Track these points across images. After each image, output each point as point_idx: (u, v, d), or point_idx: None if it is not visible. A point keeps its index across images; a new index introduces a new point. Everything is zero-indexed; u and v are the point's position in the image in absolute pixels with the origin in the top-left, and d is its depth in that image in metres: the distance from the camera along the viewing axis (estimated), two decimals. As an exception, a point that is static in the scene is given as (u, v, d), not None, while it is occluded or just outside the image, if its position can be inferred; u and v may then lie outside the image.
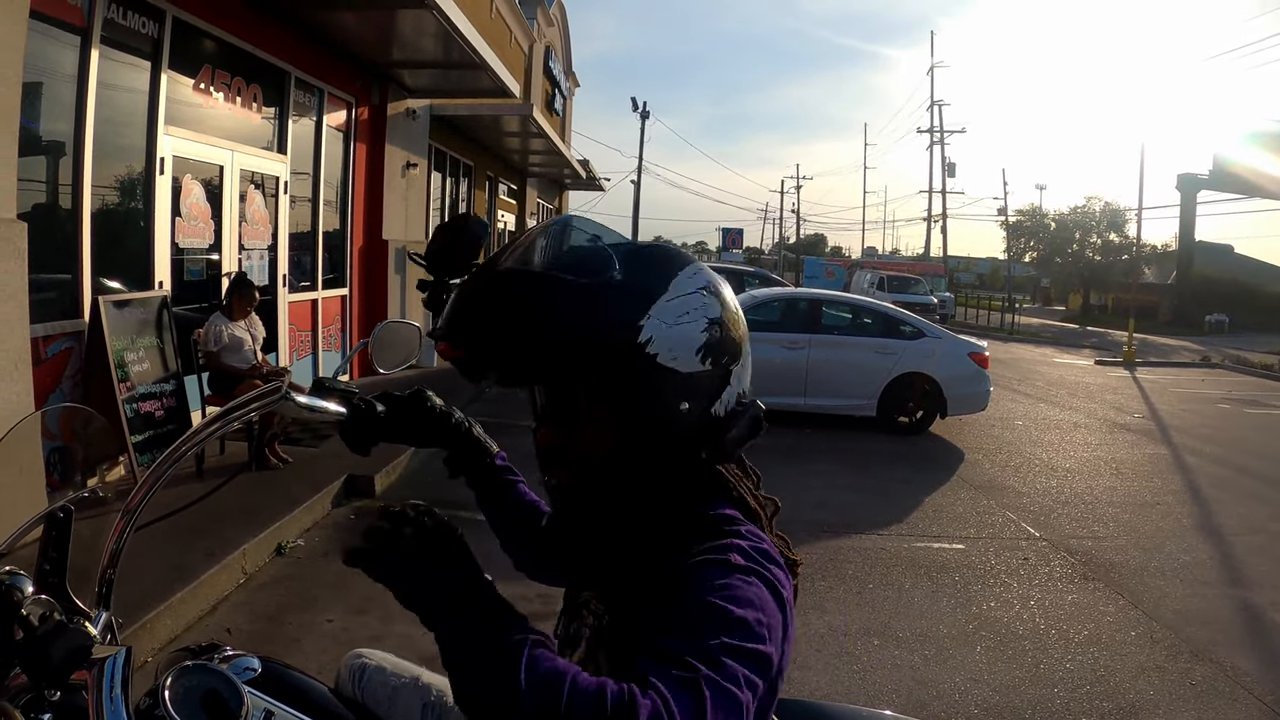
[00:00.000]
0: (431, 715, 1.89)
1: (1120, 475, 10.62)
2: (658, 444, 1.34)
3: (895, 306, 14.35)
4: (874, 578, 6.51)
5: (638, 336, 1.27)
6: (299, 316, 11.43)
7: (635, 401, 1.31)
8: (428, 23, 10.21)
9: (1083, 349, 32.96)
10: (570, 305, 1.25)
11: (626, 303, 1.28)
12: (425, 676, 1.98)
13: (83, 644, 1.30)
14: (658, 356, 1.28)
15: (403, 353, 2.34)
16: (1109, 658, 5.38)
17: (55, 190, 6.96)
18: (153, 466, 1.66)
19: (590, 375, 1.31)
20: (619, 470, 1.36)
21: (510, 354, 1.30)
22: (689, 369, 1.31)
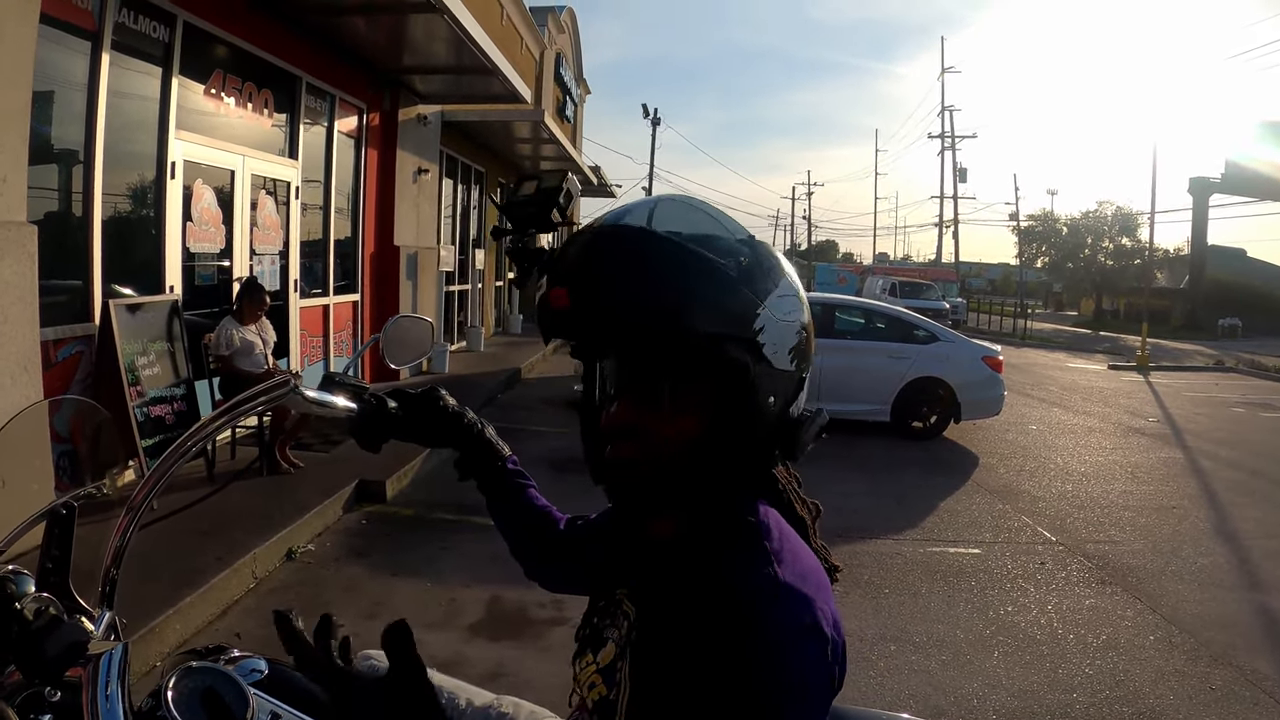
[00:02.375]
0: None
1: (1136, 479, 10.55)
2: (741, 436, 1.30)
3: (908, 311, 14.31)
4: (890, 583, 6.46)
5: (755, 324, 1.26)
6: (310, 322, 11.42)
7: (733, 388, 1.27)
8: (439, 28, 10.19)
9: (1095, 354, 32.88)
10: (705, 278, 1.23)
11: (752, 290, 1.27)
12: (436, 678, 1.93)
13: (79, 639, 1.26)
14: (764, 347, 1.27)
15: (415, 349, 2.29)
16: (1128, 662, 5.32)
17: (66, 194, 6.95)
18: (159, 462, 1.62)
19: (701, 353, 1.25)
20: (693, 456, 1.30)
21: (633, 316, 1.23)
22: (783, 366, 1.30)
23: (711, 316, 1.22)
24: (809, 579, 1.24)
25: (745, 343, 1.25)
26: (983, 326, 43.60)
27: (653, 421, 1.29)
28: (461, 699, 1.87)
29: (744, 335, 1.25)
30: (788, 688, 1.13)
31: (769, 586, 1.20)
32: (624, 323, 1.23)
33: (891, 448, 11.55)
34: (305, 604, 5.52)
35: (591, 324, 1.27)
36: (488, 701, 1.87)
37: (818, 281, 52.90)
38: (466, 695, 1.88)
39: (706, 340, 1.23)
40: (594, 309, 1.25)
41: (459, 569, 6.19)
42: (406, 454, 8.49)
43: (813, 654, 1.16)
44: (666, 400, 1.28)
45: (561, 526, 1.88)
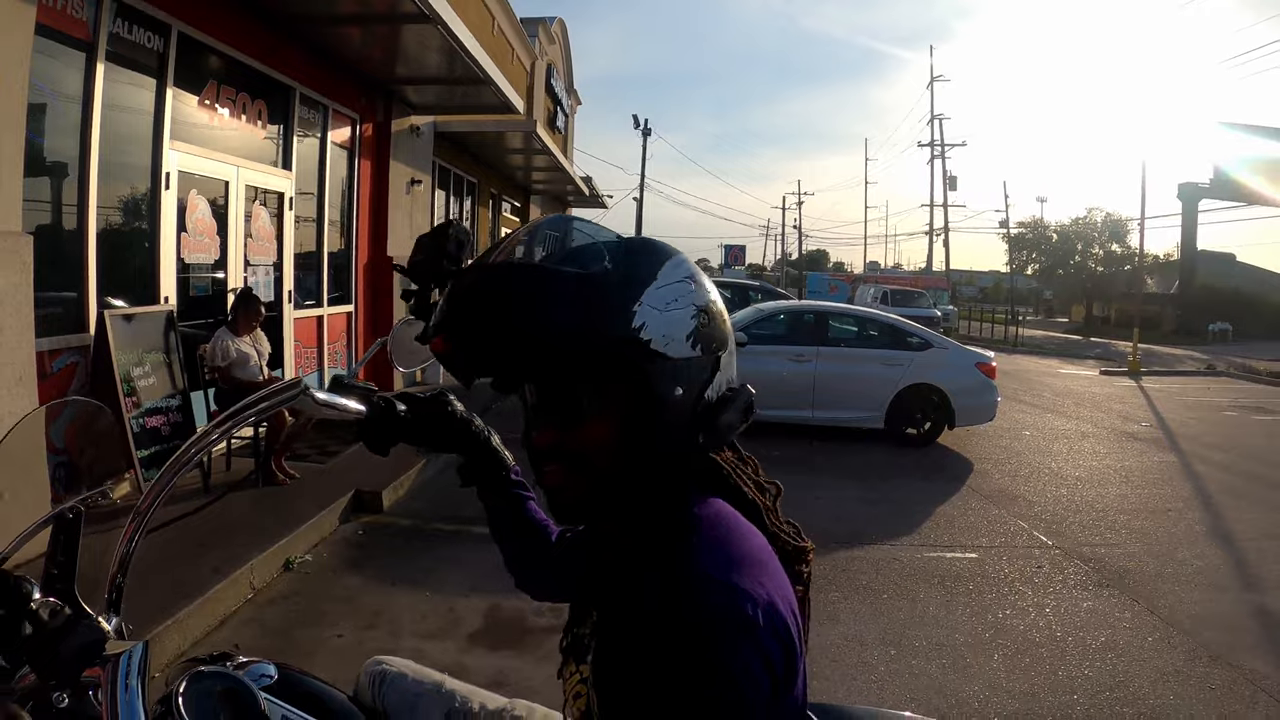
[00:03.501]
0: None
1: (1130, 483, 10.58)
2: (655, 431, 1.31)
3: (901, 318, 14.34)
4: (888, 588, 6.47)
5: (632, 322, 1.25)
6: (305, 333, 11.41)
7: (633, 388, 1.28)
8: (432, 38, 10.21)
9: (1087, 359, 32.95)
10: (566, 295, 1.23)
11: (619, 290, 1.26)
12: (448, 684, 1.93)
13: (95, 639, 1.26)
14: (651, 342, 1.26)
15: (422, 353, 2.28)
16: (1127, 663, 5.34)
17: (61, 205, 6.94)
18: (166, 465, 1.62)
19: (588, 365, 1.27)
20: (618, 461, 1.32)
21: (509, 347, 1.26)
22: (680, 354, 1.29)
23: (578, 328, 1.23)
24: (741, 565, 1.24)
25: (627, 343, 1.26)
26: (974, 334, 43.70)
27: (569, 438, 1.32)
28: (475, 703, 1.88)
29: (623, 336, 1.25)
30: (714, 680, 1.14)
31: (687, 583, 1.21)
32: (491, 352, 1.27)
33: (886, 454, 11.55)
34: (304, 614, 5.53)
35: (469, 363, 1.30)
36: (501, 705, 1.88)
37: (809, 290, 52.97)
38: (480, 699, 1.90)
39: (583, 351, 1.25)
40: (465, 348, 1.28)
41: (457, 579, 6.18)
42: (403, 464, 8.49)
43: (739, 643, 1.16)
44: (572, 411, 1.31)
45: (553, 539, 1.89)
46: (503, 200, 24.52)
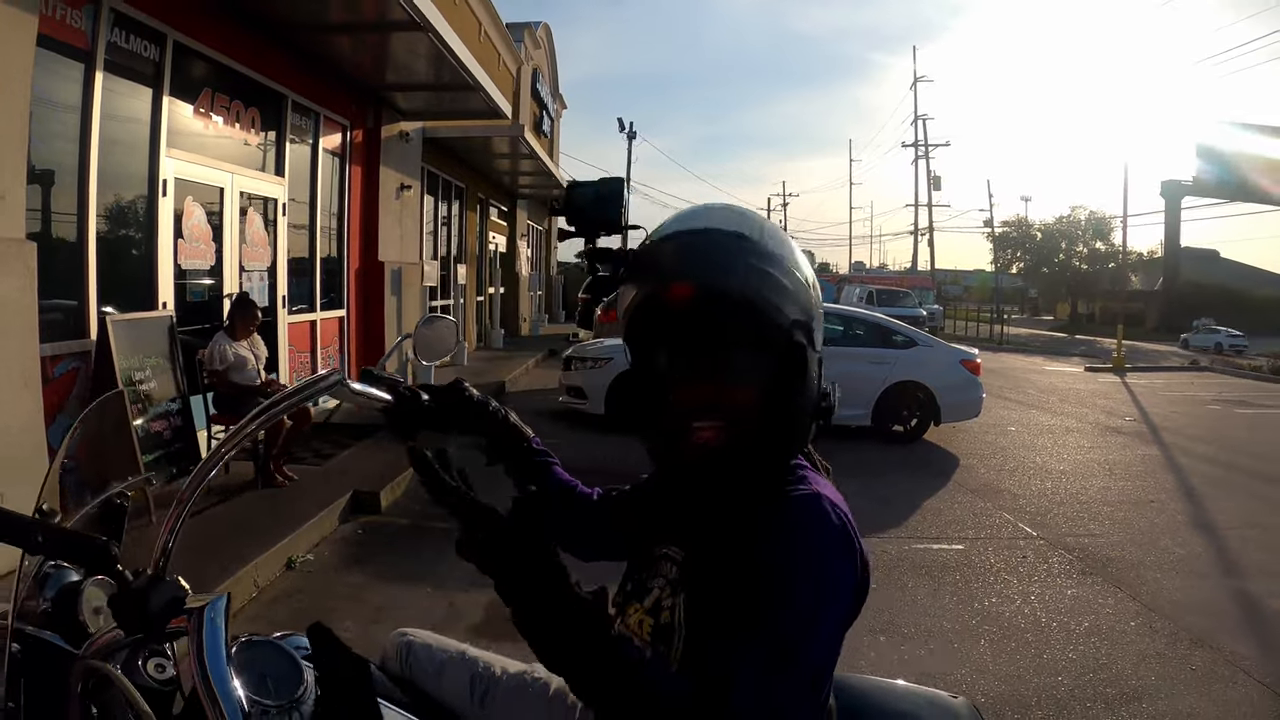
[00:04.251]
0: (479, 686, 1.95)
1: (1114, 476, 10.76)
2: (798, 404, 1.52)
3: (886, 317, 14.49)
4: (877, 579, 6.55)
5: (812, 314, 1.54)
6: (298, 337, 11.53)
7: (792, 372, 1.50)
8: (422, 45, 10.35)
9: (1072, 357, 33.18)
10: (792, 277, 1.52)
11: (813, 288, 1.57)
12: (470, 652, 2.05)
13: (178, 595, 1.38)
14: (814, 334, 1.55)
15: (442, 347, 2.42)
16: (1110, 647, 5.49)
17: (61, 212, 7.04)
18: (211, 451, 1.76)
19: (783, 334, 1.49)
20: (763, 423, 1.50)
21: (749, 309, 1.45)
22: (820, 349, 1.57)
23: (794, 305, 1.49)
24: (842, 506, 1.46)
25: (805, 327, 1.51)
26: (960, 333, 43.86)
27: (728, 396, 1.48)
28: (496, 667, 2.00)
29: (807, 321, 1.53)
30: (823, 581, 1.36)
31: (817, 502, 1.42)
32: (738, 308, 1.45)
33: (873, 451, 11.69)
34: (308, 611, 5.63)
35: (712, 311, 1.46)
36: (521, 669, 2.00)
37: (795, 291, 53.03)
38: (500, 664, 2.01)
39: (790, 324, 1.48)
40: (718, 297, 1.45)
41: (456, 574, 6.27)
42: (399, 466, 8.58)
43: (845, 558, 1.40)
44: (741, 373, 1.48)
45: (595, 498, 2.02)
46: (490, 205, 24.61)
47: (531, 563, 1.26)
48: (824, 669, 1.49)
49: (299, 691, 1.52)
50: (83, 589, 1.73)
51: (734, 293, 1.44)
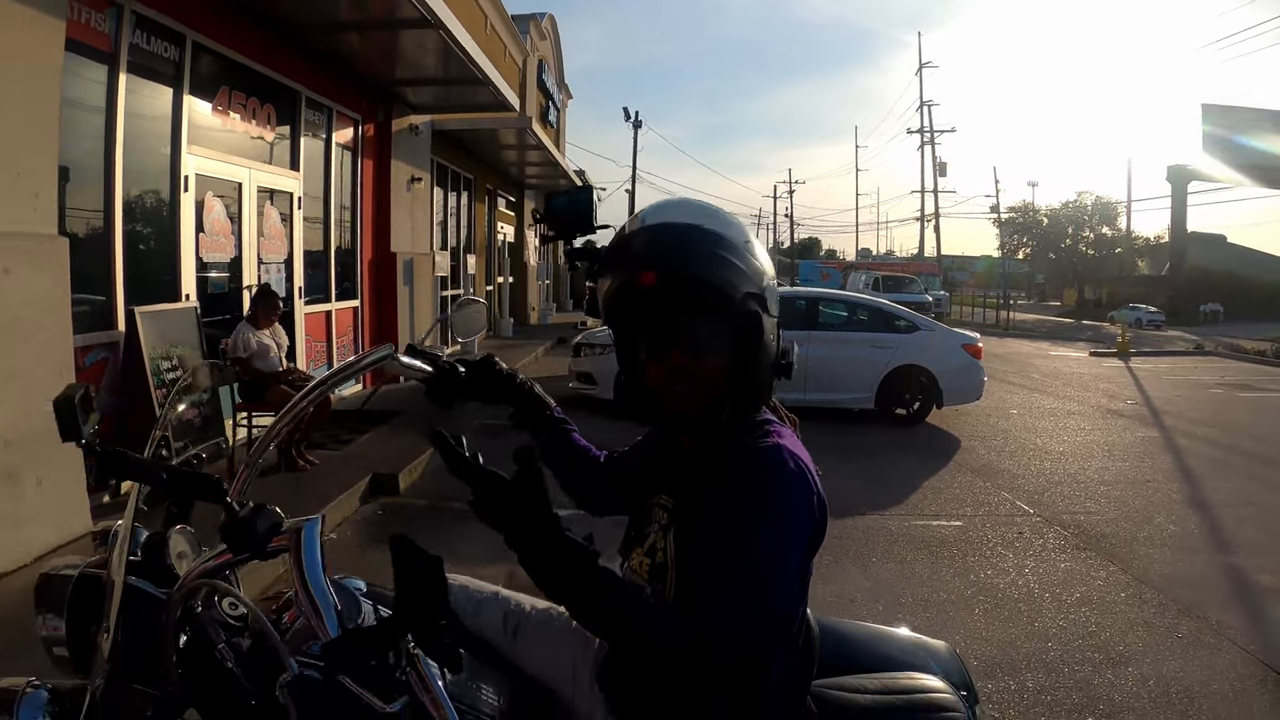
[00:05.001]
0: (511, 621, 2.19)
1: (1112, 457, 10.97)
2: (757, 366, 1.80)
3: (889, 302, 14.71)
4: (877, 553, 6.85)
5: (763, 283, 1.78)
6: (314, 327, 11.82)
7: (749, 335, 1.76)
8: (431, 41, 10.59)
9: (1078, 342, 33.21)
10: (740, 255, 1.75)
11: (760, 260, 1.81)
12: (504, 592, 2.30)
13: (276, 520, 1.65)
14: (767, 302, 1.79)
15: (475, 326, 2.73)
16: (1099, 616, 5.72)
17: (89, 209, 7.29)
18: (277, 416, 2.04)
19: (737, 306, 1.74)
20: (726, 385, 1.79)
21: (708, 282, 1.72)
22: (774, 313, 1.82)
23: (746, 280, 1.74)
24: (801, 454, 1.75)
25: (759, 298, 1.75)
26: (966, 319, 43.90)
27: (695, 364, 1.77)
28: (527, 605, 2.26)
29: (760, 293, 1.76)
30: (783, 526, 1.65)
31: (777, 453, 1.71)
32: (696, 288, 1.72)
33: (877, 433, 11.93)
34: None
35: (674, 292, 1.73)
36: (548, 606, 2.26)
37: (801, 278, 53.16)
38: (531, 603, 2.28)
39: (743, 296, 1.74)
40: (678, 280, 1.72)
41: (474, 550, 6.43)
42: (416, 449, 8.88)
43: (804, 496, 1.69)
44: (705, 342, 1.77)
45: (602, 460, 2.32)
46: (498, 196, 24.84)
47: (530, 511, 1.51)
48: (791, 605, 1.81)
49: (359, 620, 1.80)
50: (169, 538, 2.02)
51: (691, 275, 1.71)
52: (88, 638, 1.94)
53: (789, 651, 1.83)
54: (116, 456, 1.76)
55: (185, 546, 2.06)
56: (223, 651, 1.85)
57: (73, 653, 1.97)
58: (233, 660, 1.84)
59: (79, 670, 1.97)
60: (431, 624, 1.45)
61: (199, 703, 1.86)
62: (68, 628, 1.97)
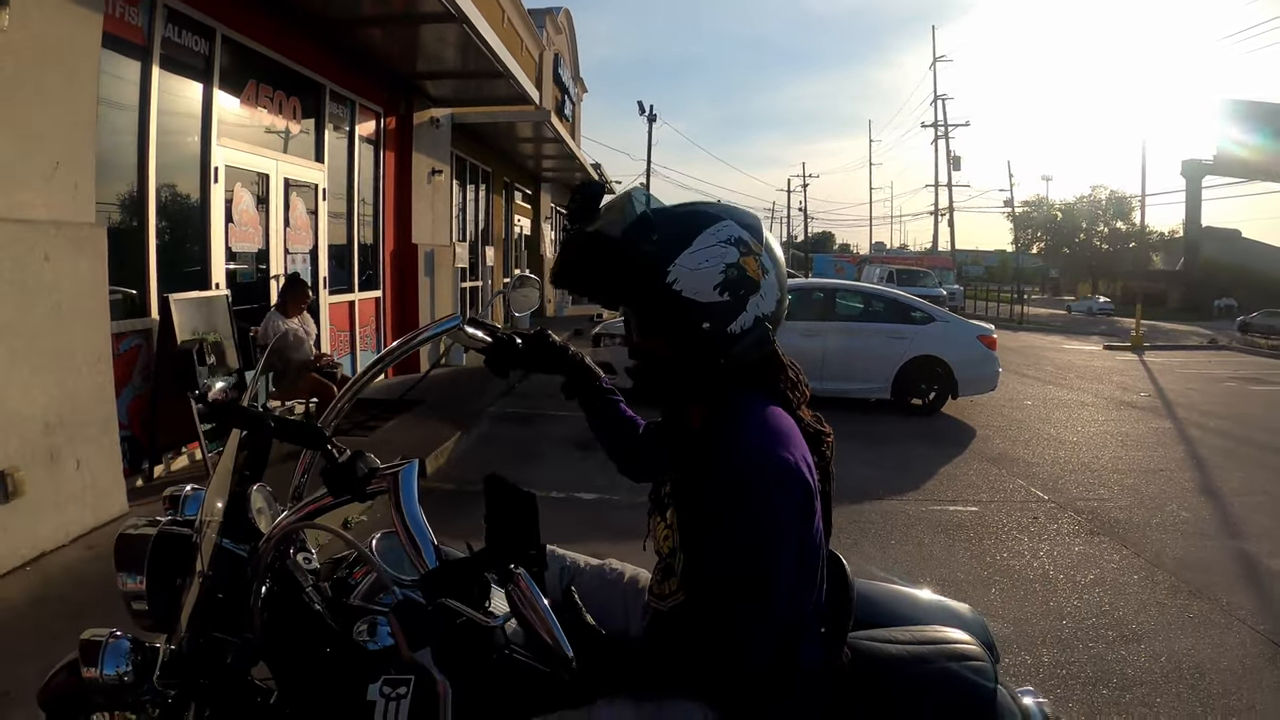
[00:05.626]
0: (566, 576, 2.36)
1: (1125, 446, 11.08)
2: (689, 351, 1.90)
3: (905, 293, 14.82)
4: (895, 535, 6.99)
5: (666, 278, 1.83)
6: (338, 317, 11.99)
7: (673, 320, 1.88)
8: (452, 34, 10.71)
9: (1091, 336, 33.26)
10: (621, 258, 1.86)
11: (659, 254, 1.85)
12: (558, 550, 2.46)
13: (374, 465, 1.85)
14: (682, 292, 1.84)
15: (530, 301, 2.96)
16: (1113, 596, 5.85)
17: (123, 200, 7.43)
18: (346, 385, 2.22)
19: (641, 303, 1.94)
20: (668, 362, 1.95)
21: (590, 290, 1.96)
22: (707, 300, 1.84)
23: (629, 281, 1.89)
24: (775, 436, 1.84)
25: (664, 291, 1.84)
26: (980, 313, 43.82)
27: (640, 345, 2.01)
28: (581, 561, 2.43)
29: (660, 287, 1.84)
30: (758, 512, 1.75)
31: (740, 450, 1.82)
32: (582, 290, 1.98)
33: (893, 423, 12.05)
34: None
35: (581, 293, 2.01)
36: (600, 562, 2.43)
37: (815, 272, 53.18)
38: (584, 559, 2.44)
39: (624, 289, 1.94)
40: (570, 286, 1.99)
41: (500, 533, 6.68)
42: (441, 436, 9.06)
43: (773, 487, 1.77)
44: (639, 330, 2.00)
45: (641, 430, 2.48)
46: (515, 188, 24.95)
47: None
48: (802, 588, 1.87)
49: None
50: (249, 495, 2.19)
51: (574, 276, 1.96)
52: (166, 593, 2.11)
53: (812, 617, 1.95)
54: (228, 406, 1.96)
55: (263, 503, 2.24)
56: (309, 595, 2.02)
57: (152, 607, 2.15)
58: (319, 601, 2.01)
59: (158, 624, 2.15)
60: (524, 551, 1.61)
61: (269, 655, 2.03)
62: (149, 583, 2.13)
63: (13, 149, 5.42)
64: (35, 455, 5.53)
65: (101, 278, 6.21)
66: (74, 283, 5.88)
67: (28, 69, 5.50)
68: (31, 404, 5.51)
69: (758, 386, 1.98)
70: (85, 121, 6.11)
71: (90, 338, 6.09)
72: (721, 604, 1.74)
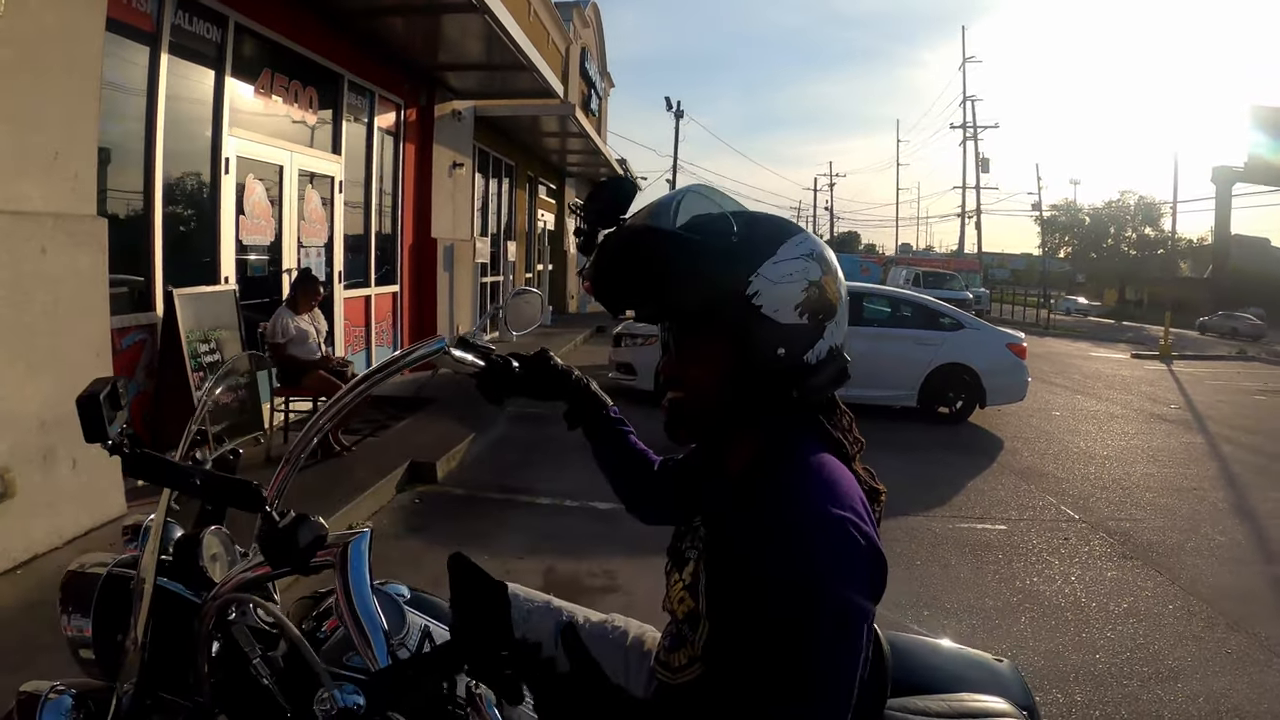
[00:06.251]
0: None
1: (1156, 462, 10.77)
2: (756, 381, 1.56)
3: (933, 298, 14.55)
4: (921, 555, 6.73)
5: (746, 289, 1.51)
6: (353, 312, 11.80)
7: (740, 344, 1.55)
8: (475, 26, 10.51)
9: (1119, 343, 32.91)
10: (693, 260, 1.51)
11: (740, 261, 1.52)
12: (555, 602, 2.20)
13: (321, 533, 1.53)
14: (762, 308, 1.51)
15: (530, 319, 2.57)
16: (1147, 628, 5.58)
17: (128, 190, 7.27)
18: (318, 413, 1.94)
19: (707, 319, 1.56)
20: (720, 396, 1.60)
21: (640, 299, 1.58)
22: (787, 321, 1.53)
23: (698, 288, 1.52)
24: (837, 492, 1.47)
25: (736, 301, 1.52)
26: (1006, 317, 43.48)
27: (688, 371, 1.61)
28: (580, 616, 2.17)
29: (737, 299, 1.52)
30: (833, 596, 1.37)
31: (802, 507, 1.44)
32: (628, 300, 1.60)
33: (919, 432, 11.78)
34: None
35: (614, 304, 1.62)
36: (601, 618, 2.18)
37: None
38: (583, 614, 2.18)
39: (690, 301, 1.54)
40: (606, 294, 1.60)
41: (513, 542, 6.50)
42: (454, 438, 8.83)
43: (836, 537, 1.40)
44: (691, 352, 1.61)
45: (656, 467, 2.17)
46: (539, 183, 24.80)
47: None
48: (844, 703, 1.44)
49: (403, 633, 1.69)
50: (202, 538, 1.92)
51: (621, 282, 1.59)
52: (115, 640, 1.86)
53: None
54: (146, 460, 1.65)
55: (219, 548, 1.98)
56: (258, 667, 1.74)
57: (99, 655, 1.89)
58: (268, 676, 1.74)
59: (106, 673, 1.89)
60: (491, 654, 1.36)
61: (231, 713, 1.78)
62: (94, 629, 1.89)
63: (9, 139, 5.23)
64: (29, 455, 5.35)
65: (102, 271, 6.02)
66: (73, 276, 5.70)
67: (25, 56, 5.30)
68: (27, 402, 5.32)
69: (812, 429, 1.64)
70: (87, 110, 5.91)
71: (89, 332, 5.91)
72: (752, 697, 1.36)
